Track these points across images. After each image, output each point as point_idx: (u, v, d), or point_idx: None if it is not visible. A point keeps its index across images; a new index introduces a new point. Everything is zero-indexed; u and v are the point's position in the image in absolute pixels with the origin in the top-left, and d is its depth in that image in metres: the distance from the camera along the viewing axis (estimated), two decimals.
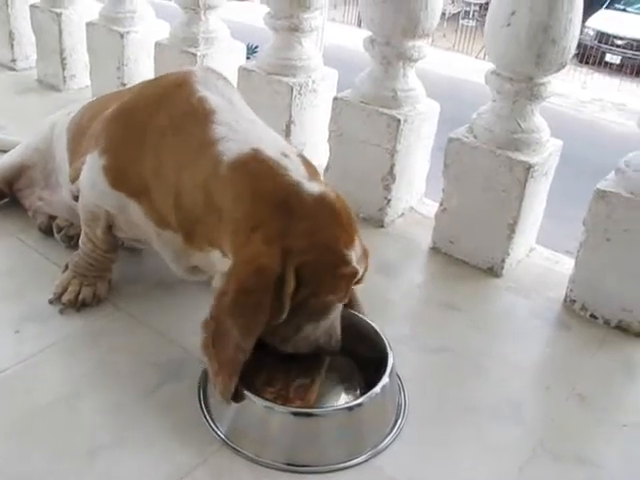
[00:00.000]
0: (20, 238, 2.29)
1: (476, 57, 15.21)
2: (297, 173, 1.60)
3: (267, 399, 1.61)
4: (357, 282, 1.64)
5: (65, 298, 1.99)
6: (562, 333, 2.13)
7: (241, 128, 1.70)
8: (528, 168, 2.15)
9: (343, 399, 1.73)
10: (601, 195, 2.05)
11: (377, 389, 1.65)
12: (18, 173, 2.33)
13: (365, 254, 1.63)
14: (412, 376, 1.90)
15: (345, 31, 15.83)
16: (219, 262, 1.66)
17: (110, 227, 1.93)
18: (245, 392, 1.59)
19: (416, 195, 2.67)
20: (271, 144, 1.67)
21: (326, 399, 1.72)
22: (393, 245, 2.46)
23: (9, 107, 3.29)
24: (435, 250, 2.43)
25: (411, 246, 2.47)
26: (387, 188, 2.48)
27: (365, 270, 1.64)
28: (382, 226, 2.54)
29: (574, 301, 2.19)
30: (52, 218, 2.29)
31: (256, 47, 7.43)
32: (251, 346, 1.54)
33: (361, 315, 1.85)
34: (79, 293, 2.00)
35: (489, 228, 2.28)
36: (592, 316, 2.16)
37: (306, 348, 1.66)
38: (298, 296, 1.53)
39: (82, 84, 3.54)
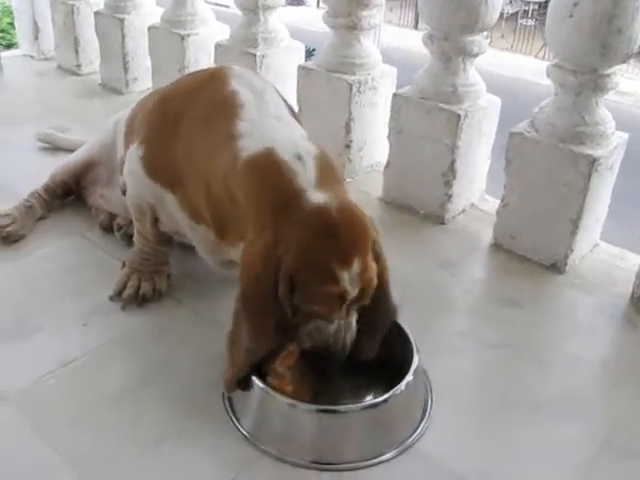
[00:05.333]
0: (85, 236, 2.35)
1: (535, 56, 15.00)
2: (304, 179, 1.56)
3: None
4: (357, 302, 1.58)
5: (125, 293, 2.03)
6: (628, 330, 2.08)
7: (263, 125, 1.69)
8: (592, 162, 2.11)
9: (369, 396, 1.72)
10: None
11: (402, 386, 1.63)
12: (86, 169, 2.39)
13: (366, 273, 1.54)
14: (472, 371, 1.90)
15: (402, 33, 15.80)
16: None
17: (157, 220, 1.96)
18: (267, 389, 1.60)
19: (477, 192, 2.64)
20: (287, 144, 1.63)
21: (352, 396, 1.71)
22: (454, 241, 2.44)
23: (74, 110, 3.37)
24: (496, 246, 2.40)
25: (472, 242, 2.44)
26: (448, 184, 2.46)
27: (365, 290, 1.56)
28: (443, 223, 2.52)
29: None
30: (113, 217, 2.34)
31: (313, 50, 7.46)
32: (261, 349, 1.56)
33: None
34: (139, 288, 2.03)
35: (552, 224, 2.25)
36: None
37: (317, 341, 1.60)
38: (293, 299, 1.53)
39: (144, 87, 3.60)
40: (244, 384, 1.62)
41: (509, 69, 13.76)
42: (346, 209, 1.55)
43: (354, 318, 1.62)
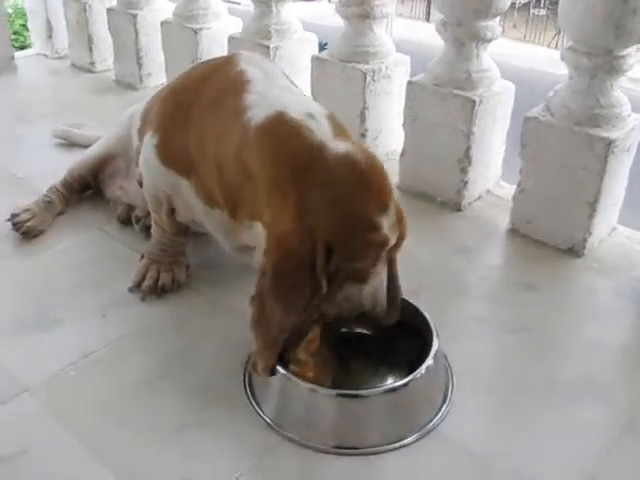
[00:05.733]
0: (103, 229, 2.37)
1: (548, 46, 14.91)
2: (321, 133, 1.55)
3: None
4: (392, 250, 1.57)
5: (144, 285, 2.04)
6: None
7: (271, 94, 1.69)
8: (609, 144, 2.10)
9: (388, 381, 1.72)
10: None
11: (422, 369, 1.62)
12: (103, 163, 2.41)
13: (400, 219, 1.53)
14: (492, 356, 1.89)
15: (413, 25, 15.76)
16: (263, 235, 1.60)
17: (173, 210, 1.97)
18: (288, 375, 1.60)
19: (492, 178, 2.63)
20: (297, 106, 1.63)
21: (371, 380, 1.71)
22: (471, 228, 2.44)
23: (89, 107, 3.39)
24: (513, 232, 2.39)
25: (489, 228, 2.43)
26: (463, 170, 2.45)
27: (401, 237, 1.56)
28: (459, 209, 2.51)
29: None
30: (130, 209, 2.36)
31: (325, 44, 7.44)
32: (292, 325, 1.54)
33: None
34: (158, 279, 2.04)
35: (569, 207, 2.23)
36: None
37: (350, 311, 1.59)
38: (331, 264, 1.49)
39: (158, 82, 3.60)
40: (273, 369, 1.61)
41: (522, 59, 13.68)
42: (369, 156, 1.54)
43: (385, 271, 1.59)
